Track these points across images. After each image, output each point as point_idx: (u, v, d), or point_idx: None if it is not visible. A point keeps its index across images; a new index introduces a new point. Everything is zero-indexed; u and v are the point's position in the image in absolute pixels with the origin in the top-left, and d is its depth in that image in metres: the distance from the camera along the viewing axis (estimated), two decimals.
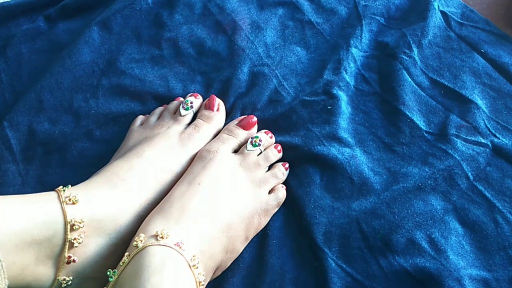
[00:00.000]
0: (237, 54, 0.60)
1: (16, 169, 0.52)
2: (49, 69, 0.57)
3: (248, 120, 0.52)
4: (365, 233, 0.46)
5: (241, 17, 0.64)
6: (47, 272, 0.39)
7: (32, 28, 0.64)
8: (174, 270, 0.36)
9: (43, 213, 0.38)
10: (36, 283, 0.39)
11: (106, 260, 0.40)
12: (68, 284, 0.39)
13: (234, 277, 0.44)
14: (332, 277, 0.43)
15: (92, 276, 0.40)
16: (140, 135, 0.51)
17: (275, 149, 0.51)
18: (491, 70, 0.58)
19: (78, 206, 0.40)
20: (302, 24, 0.64)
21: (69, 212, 0.39)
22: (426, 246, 0.45)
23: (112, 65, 0.59)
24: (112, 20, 0.63)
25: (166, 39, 0.62)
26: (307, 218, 0.47)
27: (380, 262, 0.44)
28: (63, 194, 0.40)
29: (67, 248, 0.39)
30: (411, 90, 0.56)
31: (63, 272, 0.39)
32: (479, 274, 0.43)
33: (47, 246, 0.38)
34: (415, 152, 0.51)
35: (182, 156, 0.48)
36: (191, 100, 0.54)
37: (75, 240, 0.39)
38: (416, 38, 0.60)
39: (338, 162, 0.50)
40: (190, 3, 0.66)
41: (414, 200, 0.47)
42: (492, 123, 0.53)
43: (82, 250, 0.39)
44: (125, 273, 0.37)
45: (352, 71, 0.58)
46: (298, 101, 0.56)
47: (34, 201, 0.39)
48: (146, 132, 0.51)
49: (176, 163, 0.47)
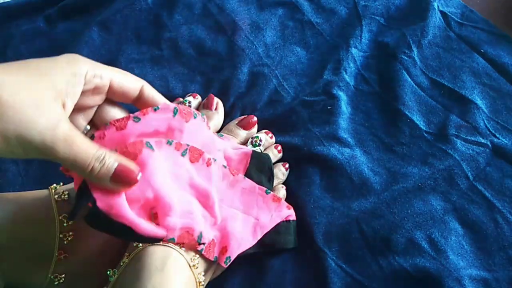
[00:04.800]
0: (237, 54, 0.60)
1: (16, 169, 0.52)
2: None
3: (248, 120, 0.52)
4: (365, 233, 0.46)
5: (241, 17, 0.64)
6: (39, 269, 0.39)
7: (32, 28, 0.64)
8: (174, 270, 0.36)
9: (34, 210, 0.39)
10: (28, 280, 0.39)
11: (99, 257, 0.40)
12: (60, 281, 0.39)
13: (234, 277, 0.44)
14: (332, 277, 0.43)
15: (86, 274, 0.40)
16: None
17: (275, 149, 0.51)
18: (491, 70, 0.58)
19: (69, 203, 0.40)
20: (302, 24, 0.64)
21: (60, 209, 0.39)
22: (426, 246, 0.45)
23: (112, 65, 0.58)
24: (112, 20, 0.63)
25: (166, 39, 0.62)
26: (307, 218, 0.47)
27: (380, 262, 0.44)
28: (54, 191, 0.41)
29: (58, 245, 0.39)
30: (411, 90, 0.56)
31: (55, 269, 0.39)
32: (479, 274, 0.43)
33: (38, 243, 0.39)
34: (415, 152, 0.51)
35: None
36: (189, 100, 0.54)
37: (66, 237, 0.39)
38: (416, 38, 0.60)
39: (338, 162, 0.50)
40: (190, 3, 0.66)
41: (414, 200, 0.47)
42: (491, 123, 0.53)
43: (74, 247, 0.39)
44: (126, 273, 0.37)
45: (352, 71, 0.58)
46: (298, 101, 0.56)
47: (26, 198, 0.40)
48: None
49: None
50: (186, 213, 0.37)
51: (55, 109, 0.28)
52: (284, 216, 0.45)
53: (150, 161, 0.33)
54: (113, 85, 0.32)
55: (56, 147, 0.27)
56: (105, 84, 0.32)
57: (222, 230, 0.41)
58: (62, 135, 0.27)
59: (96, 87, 0.31)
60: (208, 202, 0.39)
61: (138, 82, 0.34)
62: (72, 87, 0.29)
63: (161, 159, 0.35)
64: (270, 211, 0.44)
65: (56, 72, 0.29)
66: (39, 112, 0.27)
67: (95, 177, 0.29)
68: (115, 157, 0.30)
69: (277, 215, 0.44)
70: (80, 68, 0.30)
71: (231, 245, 0.41)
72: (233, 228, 0.41)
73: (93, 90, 0.31)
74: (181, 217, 0.36)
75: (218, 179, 0.42)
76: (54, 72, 0.29)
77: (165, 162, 0.35)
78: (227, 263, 0.41)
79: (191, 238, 0.37)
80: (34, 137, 0.26)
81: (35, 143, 0.27)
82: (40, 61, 0.29)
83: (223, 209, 0.41)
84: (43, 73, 0.28)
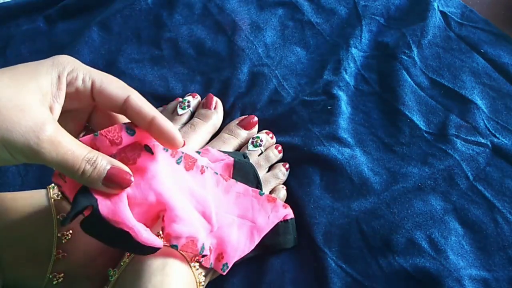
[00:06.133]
0: (237, 54, 0.60)
1: (16, 170, 0.52)
2: None
3: (249, 120, 0.52)
4: (365, 233, 0.46)
5: (240, 17, 0.64)
6: (37, 268, 0.39)
7: (32, 29, 0.64)
8: (175, 270, 0.36)
9: (32, 209, 0.39)
10: (27, 280, 0.39)
11: (98, 257, 0.40)
12: (59, 281, 0.39)
13: (234, 277, 0.44)
14: (332, 277, 0.43)
15: (86, 274, 0.40)
16: None
17: (276, 150, 0.51)
18: (491, 70, 0.58)
19: (67, 203, 0.40)
20: (301, 24, 0.64)
21: (57, 208, 0.39)
22: (426, 246, 0.45)
23: (112, 65, 0.59)
24: (112, 21, 0.63)
25: (166, 39, 0.62)
26: (307, 218, 0.47)
27: (380, 262, 0.44)
28: (52, 190, 0.41)
29: (56, 244, 0.39)
30: (411, 90, 0.56)
31: (54, 268, 0.39)
32: (479, 274, 0.43)
33: (36, 242, 0.39)
34: (415, 152, 0.51)
35: None
36: (189, 99, 0.54)
37: (64, 236, 0.39)
38: (416, 38, 0.60)
39: (338, 162, 0.50)
40: (190, 3, 0.66)
41: (414, 200, 0.47)
42: (491, 123, 0.53)
43: (72, 246, 0.39)
44: (126, 272, 0.37)
45: (352, 71, 0.58)
46: (298, 101, 0.56)
47: (24, 198, 0.40)
48: None
49: None
50: (190, 221, 0.36)
51: (40, 111, 0.27)
52: (281, 216, 0.45)
53: (150, 165, 0.33)
54: (95, 89, 0.31)
55: (41, 150, 0.27)
56: (87, 87, 0.31)
57: (218, 237, 0.40)
58: (48, 137, 0.27)
59: (77, 90, 0.31)
60: (205, 210, 0.38)
61: (124, 90, 0.32)
62: (57, 90, 0.29)
63: (162, 163, 0.34)
64: (267, 213, 0.44)
65: (41, 74, 0.28)
66: (22, 114, 0.26)
67: (86, 180, 0.29)
68: (107, 160, 0.30)
69: (274, 216, 0.44)
70: (63, 69, 0.29)
71: (227, 252, 0.40)
72: (229, 235, 0.40)
73: (75, 93, 0.31)
74: (185, 225, 0.35)
75: (212, 186, 0.41)
76: (40, 75, 0.28)
77: (166, 167, 0.35)
78: (224, 270, 0.40)
79: (195, 249, 0.36)
80: (17, 139, 0.26)
81: (19, 146, 0.26)
82: (27, 65, 0.29)
83: (220, 216, 0.41)
84: (28, 77, 0.28)
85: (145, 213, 0.34)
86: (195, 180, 0.39)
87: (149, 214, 0.34)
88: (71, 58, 0.31)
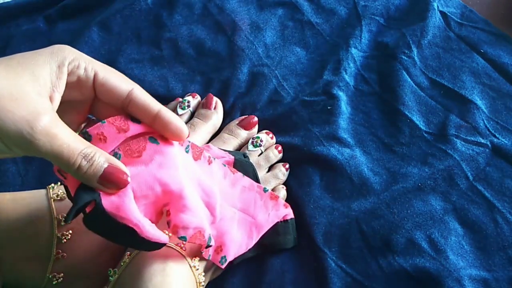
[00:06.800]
0: (237, 54, 0.60)
1: (16, 170, 0.52)
2: None
3: (249, 120, 0.52)
4: (365, 233, 0.46)
5: (240, 17, 0.64)
6: (37, 268, 0.39)
7: (32, 29, 0.64)
8: (175, 270, 0.36)
9: (31, 210, 0.39)
10: (27, 280, 0.39)
11: (98, 257, 0.40)
12: (58, 280, 0.39)
13: (234, 277, 0.44)
14: (332, 277, 0.43)
15: (86, 273, 0.40)
16: None
17: (276, 150, 0.51)
18: (491, 70, 0.58)
19: (66, 203, 0.40)
20: (301, 24, 0.64)
21: (57, 208, 0.39)
22: (426, 246, 0.45)
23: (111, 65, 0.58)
24: (112, 21, 0.63)
25: (166, 39, 0.62)
26: (307, 218, 0.47)
27: (380, 262, 0.44)
28: (51, 191, 0.41)
29: (56, 244, 0.39)
30: (411, 90, 0.56)
31: (54, 268, 0.39)
32: (479, 274, 0.43)
33: (36, 242, 0.39)
34: (414, 152, 0.51)
35: None
36: (189, 99, 0.54)
37: (63, 236, 0.39)
38: (416, 38, 0.60)
39: (337, 162, 0.50)
40: (190, 4, 0.66)
41: (413, 200, 0.47)
42: (491, 123, 0.53)
43: (72, 246, 0.39)
44: (126, 272, 0.37)
45: (352, 71, 0.59)
46: (298, 101, 0.56)
47: (23, 198, 0.40)
48: None
49: None
50: (197, 211, 0.35)
51: (37, 101, 0.26)
52: (282, 216, 0.45)
53: (156, 156, 0.32)
54: (97, 80, 0.30)
55: (35, 141, 0.25)
56: (89, 76, 0.30)
57: (218, 229, 0.40)
58: (43, 127, 0.26)
59: (79, 79, 0.29)
60: (210, 201, 0.38)
61: (128, 83, 0.31)
62: (57, 79, 0.28)
63: (171, 152, 0.33)
64: (268, 210, 0.44)
65: (39, 64, 0.28)
66: (17, 104, 0.25)
67: (82, 176, 0.28)
68: (105, 157, 0.29)
69: (274, 214, 0.44)
70: (64, 58, 0.28)
71: (226, 245, 0.40)
72: (230, 228, 0.40)
73: (76, 82, 0.30)
74: (193, 215, 0.34)
75: (220, 177, 0.41)
76: (37, 64, 0.27)
77: (177, 156, 0.34)
78: (223, 263, 0.40)
79: (203, 240, 0.35)
80: (10, 128, 0.25)
81: (11, 135, 0.25)
82: (25, 55, 0.28)
83: (223, 208, 0.40)
84: (25, 66, 0.27)
85: (151, 205, 0.33)
86: (202, 170, 0.38)
87: (156, 206, 0.33)
88: (72, 48, 0.30)
